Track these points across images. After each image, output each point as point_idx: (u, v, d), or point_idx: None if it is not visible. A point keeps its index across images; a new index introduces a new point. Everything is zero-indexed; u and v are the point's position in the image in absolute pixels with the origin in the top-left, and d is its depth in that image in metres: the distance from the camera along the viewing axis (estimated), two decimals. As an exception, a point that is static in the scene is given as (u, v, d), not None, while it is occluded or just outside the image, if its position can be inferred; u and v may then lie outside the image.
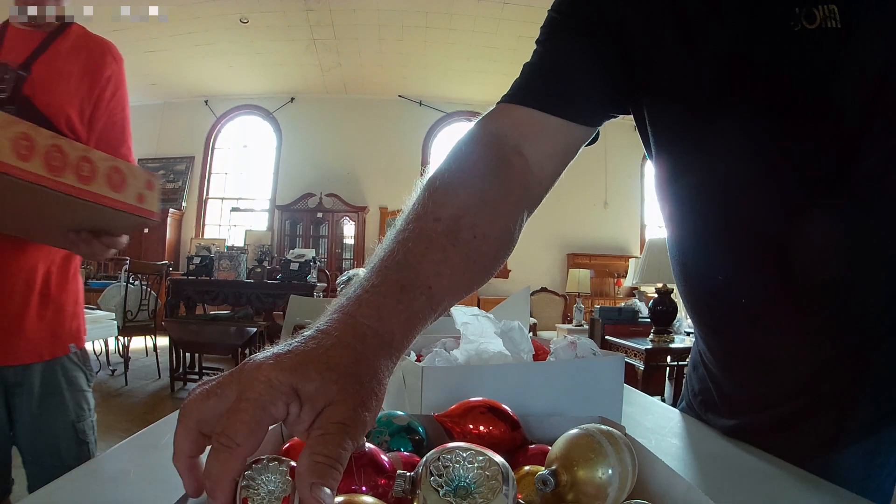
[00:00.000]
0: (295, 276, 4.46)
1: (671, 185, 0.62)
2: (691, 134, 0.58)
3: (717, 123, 0.55)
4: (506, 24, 5.96)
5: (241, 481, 0.32)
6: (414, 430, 0.49)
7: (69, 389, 1.11)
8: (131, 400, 3.61)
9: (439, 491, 0.31)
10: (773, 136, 0.52)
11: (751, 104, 0.52)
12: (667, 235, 0.68)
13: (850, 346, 0.54)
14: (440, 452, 0.33)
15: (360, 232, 7.45)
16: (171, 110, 7.87)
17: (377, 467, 0.37)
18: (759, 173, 0.54)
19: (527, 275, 7.38)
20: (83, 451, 1.12)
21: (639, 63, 0.58)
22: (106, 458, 0.56)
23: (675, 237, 0.65)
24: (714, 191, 0.57)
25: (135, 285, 4.40)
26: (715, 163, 0.56)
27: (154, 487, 0.48)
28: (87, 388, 1.16)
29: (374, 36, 6.37)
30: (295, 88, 7.62)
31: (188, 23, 5.96)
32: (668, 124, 0.60)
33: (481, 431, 0.48)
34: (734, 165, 0.55)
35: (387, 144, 7.70)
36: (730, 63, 0.52)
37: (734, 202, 0.56)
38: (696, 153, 0.58)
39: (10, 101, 1.00)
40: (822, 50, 0.46)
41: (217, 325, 3.82)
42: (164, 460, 0.55)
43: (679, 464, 0.52)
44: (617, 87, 0.61)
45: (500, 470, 0.32)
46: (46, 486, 0.47)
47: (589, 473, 0.36)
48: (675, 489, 0.38)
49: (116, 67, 1.16)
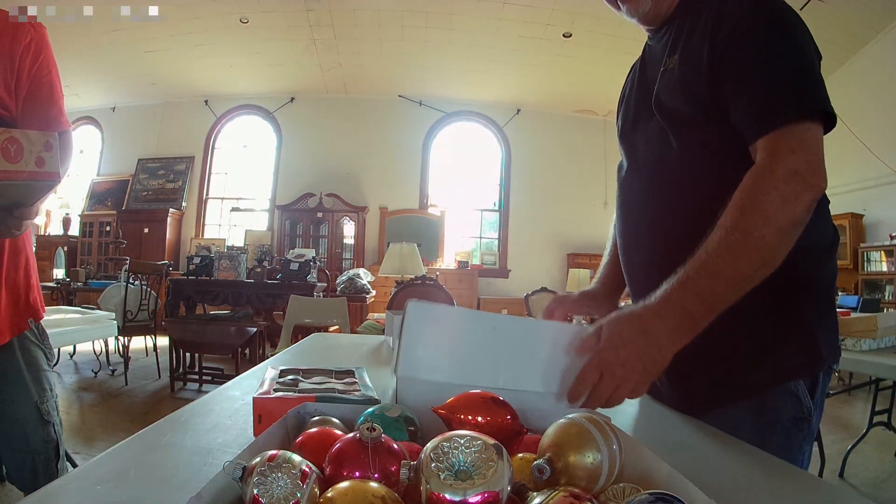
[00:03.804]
0: (295, 276, 4.46)
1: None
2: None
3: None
4: (506, 24, 5.96)
5: (253, 477, 0.33)
6: (409, 421, 0.50)
7: (29, 370, 1.09)
8: (131, 400, 3.61)
9: (440, 475, 0.33)
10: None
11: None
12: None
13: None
14: (440, 440, 0.36)
15: (360, 232, 7.45)
16: (171, 110, 7.87)
17: (390, 456, 0.39)
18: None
19: (527, 275, 7.39)
20: (48, 431, 1.10)
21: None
22: (106, 458, 0.56)
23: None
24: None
25: (135, 285, 4.40)
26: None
27: (154, 487, 0.48)
28: (47, 368, 1.14)
29: (374, 36, 6.37)
30: (295, 88, 7.62)
31: (188, 23, 5.96)
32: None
33: (479, 421, 0.49)
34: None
35: (387, 144, 7.70)
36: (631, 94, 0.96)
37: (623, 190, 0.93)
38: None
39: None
40: (667, 77, 0.83)
41: (217, 325, 3.82)
42: (164, 460, 0.56)
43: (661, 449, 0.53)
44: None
45: (497, 453, 0.34)
46: (46, 486, 0.47)
47: (580, 459, 0.38)
48: (658, 473, 0.40)
49: (35, 33, 1.12)
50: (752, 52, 0.72)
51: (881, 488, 2.47)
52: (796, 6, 0.74)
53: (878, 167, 5.65)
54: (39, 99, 1.11)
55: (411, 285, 3.48)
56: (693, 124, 0.79)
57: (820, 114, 0.69)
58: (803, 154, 0.67)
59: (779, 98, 0.69)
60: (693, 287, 0.66)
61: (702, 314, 0.66)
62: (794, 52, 0.71)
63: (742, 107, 0.72)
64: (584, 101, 7.46)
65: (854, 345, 2.07)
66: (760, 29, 0.72)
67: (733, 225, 0.66)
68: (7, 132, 0.83)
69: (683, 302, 0.66)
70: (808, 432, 0.75)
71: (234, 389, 0.87)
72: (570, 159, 7.70)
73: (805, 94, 0.70)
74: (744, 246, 0.65)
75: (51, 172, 0.87)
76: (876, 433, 2.80)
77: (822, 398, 0.79)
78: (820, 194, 0.68)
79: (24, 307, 1.11)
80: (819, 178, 0.67)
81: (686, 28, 0.81)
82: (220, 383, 2.02)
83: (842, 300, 5.11)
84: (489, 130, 7.95)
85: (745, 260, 0.66)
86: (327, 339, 1.63)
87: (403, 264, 4.11)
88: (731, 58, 0.73)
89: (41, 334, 1.14)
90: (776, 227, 0.65)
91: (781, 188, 0.65)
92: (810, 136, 0.68)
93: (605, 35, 5.87)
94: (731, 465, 0.60)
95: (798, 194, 0.66)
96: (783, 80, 0.70)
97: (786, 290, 0.74)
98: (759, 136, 0.70)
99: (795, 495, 0.52)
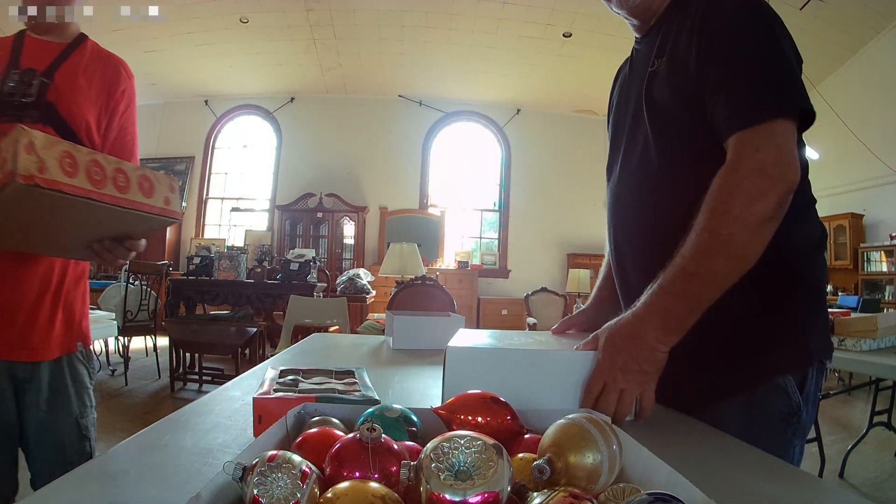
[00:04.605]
0: (295, 276, 4.46)
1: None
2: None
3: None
4: (506, 24, 5.96)
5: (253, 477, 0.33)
6: (409, 421, 0.50)
7: (73, 385, 1.13)
8: (131, 400, 3.61)
9: (440, 476, 0.33)
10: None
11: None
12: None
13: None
14: (440, 441, 0.35)
15: (360, 232, 7.45)
16: (171, 110, 7.87)
17: (390, 456, 0.39)
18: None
19: (527, 275, 7.39)
20: (84, 446, 1.14)
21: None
22: (106, 458, 0.56)
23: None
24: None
25: (135, 285, 4.40)
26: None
27: (154, 487, 0.48)
28: (89, 385, 1.18)
29: (374, 36, 6.37)
30: (295, 88, 7.62)
31: (188, 23, 5.96)
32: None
33: (479, 422, 0.49)
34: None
35: (387, 144, 7.70)
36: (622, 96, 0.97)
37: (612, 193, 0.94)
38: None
39: (35, 107, 1.05)
40: (654, 79, 0.84)
41: (217, 325, 3.82)
42: (164, 460, 0.56)
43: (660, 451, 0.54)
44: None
45: (497, 453, 0.34)
46: (47, 486, 0.47)
47: (580, 459, 0.38)
48: (658, 473, 0.40)
49: (129, 83, 1.21)
50: (726, 53, 0.73)
51: (881, 488, 2.47)
52: (796, 6, 0.74)
53: (878, 167, 5.65)
54: (124, 149, 1.19)
55: (411, 285, 3.48)
56: (679, 127, 0.80)
57: (790, 111, 0.70)
58: (769, 151, 0.67)
59: (747, 97, 0.71)
60: (672, 289, 0.69)
61: (684, 314, 0.69)
62: (767, 51, 0.72)
63: (717, 107, 0.73)
64: (584, 101, 7.46)
65: (854, 345, 2.07)
66: (736, 30, 0.73)
67: (703, 226, 0.68)
68: (140, 169, 0.92)
69: (665, 304, 0.69)
70: (798, 427, 0.76)
71: (234, 389, 0.87)
72: (570, 159, 7.70)
73: (776, 92, 0.70)
74: (713, 245, 0.67)
75: (175, 212, 0.96)
76: (876, 433, 2.80)
77: (814, 395, 0.80)
78: (791, 188, 0.68)
79: (76, 331, 1.16)
80: (787, 171, 0.67)
81: (674, 30, 0.81)
82: (220, 383, 2.02)
83: (842, 300, 5.11)
84: (489, 130, 7.95)
85: (716, 259, 0.67)
86: (327, 340, 1.63)
87: (403, 264, 4.11)
88: (710, 60, 0.74)
89: (87, 354, 1.19)
90: (742, 224, 0.66)
91: (746, 186, 0.66)
92: (779, 132, 0.68)
93: (605, 35, 5.87)
94: (731, 466, 0.60)
95: (763, 191, 0.66)
96: (752, 79, 0.71)
97: (775, 289, 0.76)
98: (729, 136, 0.71)
99: (795, 495, 0.52)
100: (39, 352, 1.08)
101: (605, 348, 0.70)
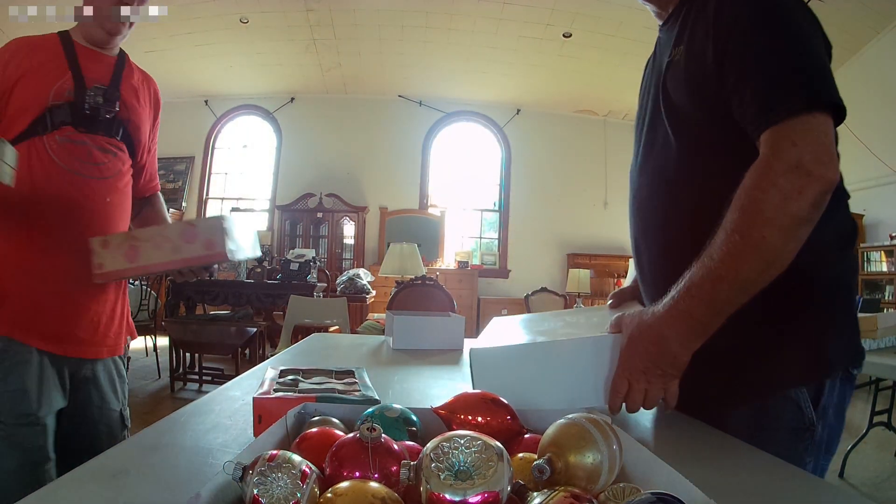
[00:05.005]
0: (295, 276, 4.46)
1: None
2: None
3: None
4: (506, 24, 5.96)
5: (253, 477, 0.33)
6: (409, 421, 0.50)
7: (118, 379, 1.19)
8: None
9: (440, 475, 0.33)
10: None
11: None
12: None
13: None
14: (440, 441, 0.35)
15: (360, 232, 7.44)
16: (171, 110, 7.78)
17: (390, 456, 0.39)
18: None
19: (527, 275, 7.39)
20: (125, 435, 1.19)
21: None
22: (106, 458, 0.56)
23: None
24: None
25: (135, 285, 4.40)
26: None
27: (154, 487, 0.48)
28: (125, 378, 1.24)
29: (374, 36, 6.36)
30: (295, 88, 7.62)
31: (188, 23, 5.95)
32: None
33: (479, 422, 0.49)
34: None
35: (387, 144, 7.69)
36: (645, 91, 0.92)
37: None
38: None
39: (117, 125, 1.12)
40: (676, 67, 0.79)
41: (217, 325, 3.82)
42: (164, 460, 0.56)
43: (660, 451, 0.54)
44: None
45: (497, 453, 0.34)
46: (47, 485, 0.47)
47: (580, 459, 0.38)
48: (658, 473, 0.40)
49: (159, 106, 1.30)
50: (752, 44, 0.68)
51: (881, 488, 2.47)
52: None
53: (878, 167, 5.65)
54: (154, 163, 1.30)
55: (411, 285, 3.48)
56: (697, 119, 0.76)
57: (826, 104, 0.65)
58: (807, 146, 0.62)
59: (780, 90, 0.65)
60: (698, 293, 0.66)
61: (709, 319, 0.66)
62: (796, 41, 0.68)
63: (745, 101, 0.68)
64: (584, 101, 7.46)
65: (854, 345, 2.06)
66: (761, 19, 0.69)
67: (733, 227, 0.64)
68: (180, 223, 1.05)
69: (690, 308, 0.66)
70: (811, 444, 0.71)
71: (234, 389, 0.87)
72: (570, 159, 7.70)
73: (808, 83, 0.65)
74: (744, 248, 0.63)
75: (216, 254, 1.02)
76: (876, 433, 2.80)
77: (835, 407, 0.74)
78: (830, 187, 0.62)
79: (128, 328, 1.24)
80: (827, 169, 0.62)
81: (692, 18, 0.77)
82: (220, 383, 2.02)
83: (842, 300, 5.10)
84: (489, 130, 7.95)
85: (746, 263, 0.63)
86: (327, 340, 1.63)
87: (403, 264, 4.11)
88: (732, 50, 0.69)
89: (126, 348, 1.26)
90: (776, 227, 0.61)
91: (781, 184, 0.61)
92: (816, 126, 0.63)
93: (605, 35, 5.87)
94: (732, 466, 0.60)
95: (801, 189, 0.61)
96: (784, 71, 0.66)
97: (788, 292, 0.69)
98: (762, 131, 0.66)
99: (795, 495, 0.52)
100: (108, 349, 1.15)
101: (628, 349, 0.70)
